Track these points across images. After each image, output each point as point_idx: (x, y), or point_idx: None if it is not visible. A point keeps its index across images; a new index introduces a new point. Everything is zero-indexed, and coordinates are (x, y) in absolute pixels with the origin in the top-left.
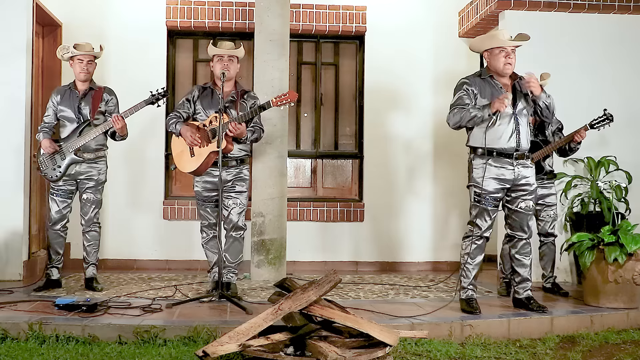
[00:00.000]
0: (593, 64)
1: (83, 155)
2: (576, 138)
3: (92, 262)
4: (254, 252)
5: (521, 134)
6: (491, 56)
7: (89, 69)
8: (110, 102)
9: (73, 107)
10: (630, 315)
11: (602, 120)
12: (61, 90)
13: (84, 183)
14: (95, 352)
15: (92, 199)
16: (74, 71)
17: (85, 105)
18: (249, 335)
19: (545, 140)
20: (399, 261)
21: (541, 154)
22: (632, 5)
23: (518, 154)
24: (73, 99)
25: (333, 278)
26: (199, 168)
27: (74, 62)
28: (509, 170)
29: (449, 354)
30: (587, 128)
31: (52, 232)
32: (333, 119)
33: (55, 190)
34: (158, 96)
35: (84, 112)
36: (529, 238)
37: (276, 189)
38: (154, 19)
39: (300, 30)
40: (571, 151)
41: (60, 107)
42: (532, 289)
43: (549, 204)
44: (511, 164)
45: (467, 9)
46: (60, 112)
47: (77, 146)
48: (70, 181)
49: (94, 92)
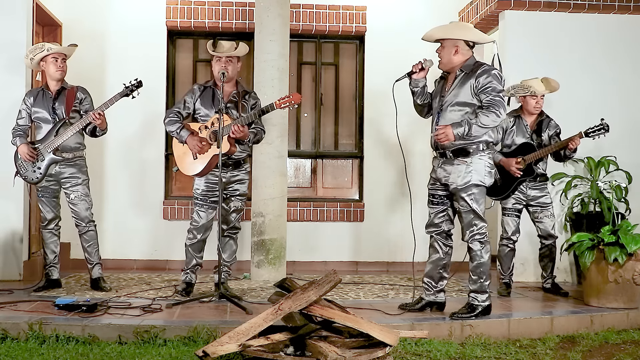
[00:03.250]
0: (593, 64)
1: (62, 155)
2: (570, 145)
3: (96, 261)
4: (254, 252)
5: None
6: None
7: (63, 67)
8: (85, 101)
9: (47, 107)
10: (630, 315)
11: (598, 129)
12: (34, 92)
13: (68, 182)
14: (95, 352)
15: (80, 196)
16: (48, 71)
17: (59, 105)
18: (249, 335)
19: (541, 144)
20: (399, 261)
21: (533, 157)
22: (632, 5)
23: (439, 152)
24: (47, 100)
25: (333, 278)
26: (202, 171)
27: (46, 63)
28: (437, 168)
29: (449, 354)
30: (582, 136)
31: (46, 232)
32: (333, 119)
33: (41, 191)
34: (132, 87)
35: (58, 111)
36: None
37: (276, 189)
38: (154, 19)
39: (300, 30)
40: (566, 158)
41: (35, 109)
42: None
43: (543, 205)
44: (437, 162)
45: (467, 9)
46: (34, 114)
47: (54, 146)
48: (54, 181)
49: (66, 91)
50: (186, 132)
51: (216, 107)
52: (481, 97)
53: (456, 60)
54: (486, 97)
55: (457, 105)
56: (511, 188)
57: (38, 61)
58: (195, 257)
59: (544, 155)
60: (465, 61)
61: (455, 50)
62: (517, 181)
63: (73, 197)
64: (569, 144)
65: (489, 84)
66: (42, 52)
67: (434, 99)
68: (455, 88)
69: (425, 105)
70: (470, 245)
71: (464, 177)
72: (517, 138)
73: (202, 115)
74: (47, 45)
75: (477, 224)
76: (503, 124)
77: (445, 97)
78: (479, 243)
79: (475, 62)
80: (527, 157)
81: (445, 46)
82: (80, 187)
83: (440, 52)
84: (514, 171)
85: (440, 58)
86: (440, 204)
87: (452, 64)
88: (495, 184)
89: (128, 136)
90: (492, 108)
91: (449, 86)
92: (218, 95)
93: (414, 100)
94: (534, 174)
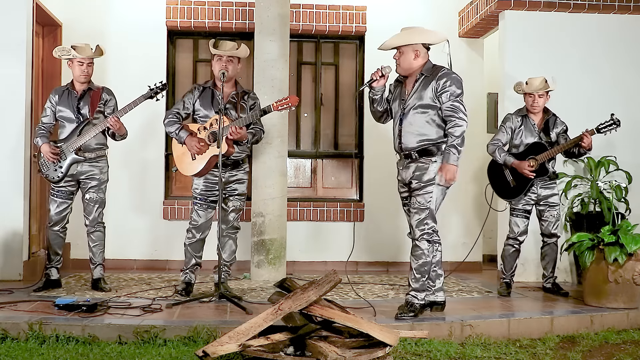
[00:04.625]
0: (593, 64)
1: (84, 155)
2: (584, 144)
3: (98, 262)
4: (254, 252)
5: (404, 133)
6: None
7: (89, 72)
8: (110, 102)
9: (72, 107)
10: (630, 315)
11: (610, 124)
12: (59, 91)
13: (87, 183)
14: (95, 352)
15: (95, 198)
16: (73, 73)
17: (84, 105)
18: (249, 335)
19: (551, 142)
20: (399, 261)
21: (546, 156)
22: (632, 5)
23: (404, 154)
24: (72, 99)
25: (333, 278)
26: (200, 171)
27: (73, 64)
28: (402, 170)
29: (449, 354)
30: (594, 132)
31: (52, 233)
32: (333, 119)
33: (56, 191)
34: (157, 90)
35: (83, 111)
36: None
37: (276, 189)
38: (154, 19)
39: (300, 30)
40: (580, 155)
41: (59, 108)
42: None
43: (552, 204)
44: (402, 165)
45: (467, 9)
46: (59, 113)
47: (77, 145)
48: (72, 182)
49: (92, 91)
50: (185, 132)
51: (215, 108)
52: (442, 100)
53: (416, 65)
54: (446, 101)
55: (420, 108)
56: (525, 189)
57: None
58: (195, 256)
59: (556, 154)
60: (425, 64)
61: (415, 54)
62: (530, 182)
63: (89, 197)
64: (583, 142)
65: (449, 87)
66: (67, 55)
67: (392, 103)
68: (417, 91)
69: (385, 111)
70: (418, 243)
71: (427, 175)
72: (525, 138)
73: (201, 115)
74: (72, 52)
75: (429, 223)
76: (511, 124)
77: (407, 101)
78: (427, 242)
79: (434, 65)
80: (539, 156)
81: (404, 52)
82: (97, 188)
83: (399, 58)
84: (527, 173)
85: (399, 64)
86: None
87: (412, 69)
88: (509, 186)
89: (128, 136)
90: (454, 117)
91: (409, 90)
92: (217, 96)
93: (373, 107)
94: (548, 173)
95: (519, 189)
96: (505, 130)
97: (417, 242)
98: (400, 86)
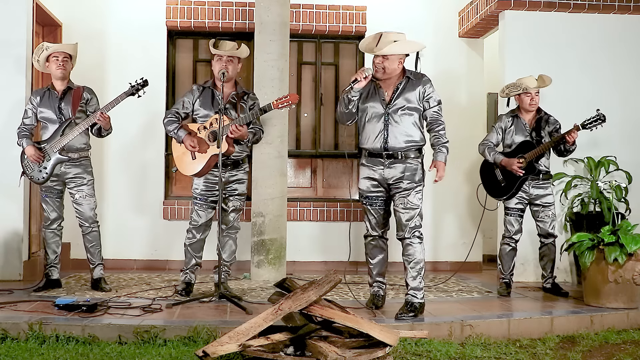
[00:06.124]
0: (593, 64)
1: (68, 155)
2: (568, 139)
3: (97, 262)
4: (254, 252)
5: (390, 133)
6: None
7: (65, 66)
8: (91, 101)
9: (53, 107)
10: (630, 315)
11: (595, 120)
12: (40, 92)
13: (73, 182)
14: (95, 352)
15: (84, 196)
16: (51, 71)
17: (65, 105)
18: (249, 335)
19: (540, 141)
20: (399, 261)
21: (534, 153)
22: (632, 5)
23: (388, 154)
24: (53, 100)
25: (333, 278)
26: (200, 171)
27: (49, 62)
28: (380, 170)
29: (449, 354)
30: (579, 128)
31: (49, 232)
32: (333, 119)
33: (45, 191)
34: (137, 86)
35: (64, 111)
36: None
37: (276, 189)
38: (154, 19)
39: (300, 30)
40: (567, 152)
41: (40, 109)
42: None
43: (545, 204)
44: (382, 164)
45: (467, 9)
46: (40, 114)
47: (60, 145)
48: (58, 181)
49: (72, 91)
50: (184, 132)
51: (215, 108)
52: (429, 104)
53: (398, 70)
54: (433, 106)
55: (407, 109)
56: (515, 187)
57: (44, 62)
58: (195, 256)
59: (544, 151)
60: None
61: (400, 61)
62: (520, 180)
63: (78, 197)
64: (567, 137)
65: (432, 94)
66: (43, 52)
67: (365, 103)
68: (403, 94)
69: (355, 113)
70: (410, 242)
71: (418, 175)
72: (516, 137)
73: (200, 116)
74: (45, 44)
75: (418, 222)
76: (502, 124)
77: (392, 102)
78: (418, 239)
79: (410, 70)
80: (527, 154)
81: (390, 58)
82: (85, 187)
83: (383, 62)
84: (516, 170)
85: (384, 68)
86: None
87: (395, 73)
88: (499, 185)
89: (128, 136)
90: (439, 120)
91: (391, 92)
92: (217, 96)
93: (347, 109)
94: (536, 171)
95: (509, 188)
96: (496, 130)
97: (409, 241)
98: (373, 87)
